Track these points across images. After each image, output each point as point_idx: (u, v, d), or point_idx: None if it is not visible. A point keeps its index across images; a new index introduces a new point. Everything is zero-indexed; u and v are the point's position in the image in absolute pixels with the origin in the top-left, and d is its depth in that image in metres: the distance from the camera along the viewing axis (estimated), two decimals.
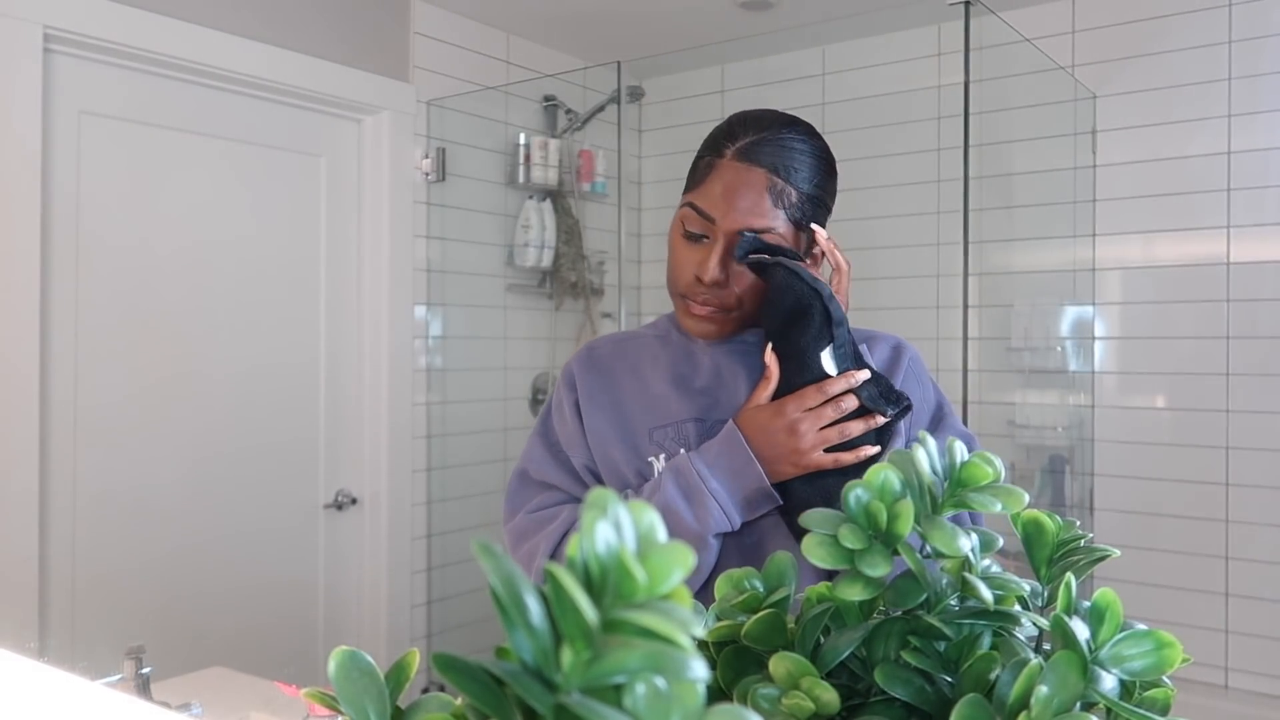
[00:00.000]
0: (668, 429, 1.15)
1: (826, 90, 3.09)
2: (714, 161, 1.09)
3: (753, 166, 1.07)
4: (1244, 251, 2.53)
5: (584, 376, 1.23)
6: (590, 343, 1.29)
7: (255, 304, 2.52)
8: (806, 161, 1.09)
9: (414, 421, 2.85)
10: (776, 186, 1.06)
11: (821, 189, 1.11)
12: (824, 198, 1.12)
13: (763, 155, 1.07)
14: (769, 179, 1.06)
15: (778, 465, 1.04)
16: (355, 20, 2.68)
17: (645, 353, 1.22)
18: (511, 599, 0.26)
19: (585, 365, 1.24)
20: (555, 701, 0.26)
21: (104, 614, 2.20)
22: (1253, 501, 2.52)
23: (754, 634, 0.40)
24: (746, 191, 1.06)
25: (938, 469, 0.41)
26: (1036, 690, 0.33)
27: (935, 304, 2.84)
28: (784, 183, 1.07)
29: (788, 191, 1.07)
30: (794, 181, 1.07)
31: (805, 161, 1.09)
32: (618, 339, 1.28)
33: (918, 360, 1.18)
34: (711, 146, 1.12)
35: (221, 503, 2.44)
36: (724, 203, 1.06)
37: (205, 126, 2.41)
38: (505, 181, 3.09)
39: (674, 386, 1.17)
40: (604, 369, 1.23)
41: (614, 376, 1.21)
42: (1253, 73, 2.51)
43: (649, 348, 1.23)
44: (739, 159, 1.08)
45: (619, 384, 1.20)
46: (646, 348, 1.23)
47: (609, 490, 0.28)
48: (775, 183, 1.07)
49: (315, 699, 0.41)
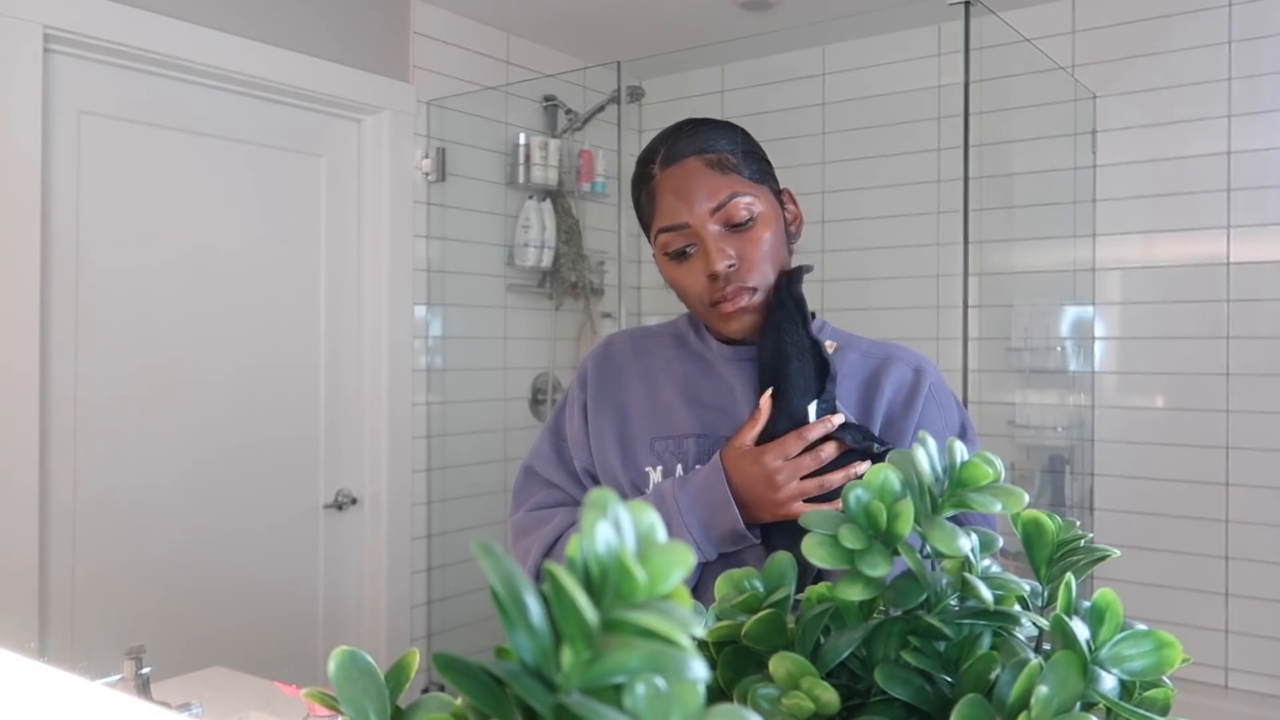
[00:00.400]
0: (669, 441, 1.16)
1: (826, 90, 3.09)
2: (651, 186, 1.13)
3: (682, 161, 1.11)
4: (1244, 251, 2.53)
5: (597, 375, 1.24)
6: (609, 338, 1.30)
7: (255, 304, 2.52)
8: (717, 132, 1.13)
9: (414, 421, 2.85)
10: (712, 161, 1.10)
11: (749, 145, 1.14)
12: (758, 151, 1.15)
13: (683, 148, 1.11)
14: (701, 159, 1.10)
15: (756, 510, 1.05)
16: (355, 20, 2.68)
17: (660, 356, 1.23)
18: (512, 599, 0.26)
19: (600, 363, 1.25)
20: (555, 701, 0.26)
21: (104, 614, 2.20)
22: (1253, 501, 2.52)
23: (754, 634, 0.40)
24: (694, 179, 1.09)
25: (938, 469, 0.41)
26: (1036, 690, 0.33)
27: (935, 304, 2.84)
28: (715, 154, 1.10)
29: (724, 157, 1.10)
30: (721, 149, 1.11)
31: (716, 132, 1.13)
32: (636, 336, 1.28)
33: (941, 387, 1.16)
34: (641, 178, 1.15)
35: (221, 503, 2.44)
36: (682, 202, 1.09)
37: (205, 126, 2.41)
38: (505, 181, 3.08)
39: (682, 398, 1.17)
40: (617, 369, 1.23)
41: (625, 379, 1.22)
42: (1253, 73, 2.51)
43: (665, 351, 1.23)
44: (666, 165, 1.11)
45: (629, 388, 1.21)
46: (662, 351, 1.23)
47: (609, 491, 0.28)
48: (709, 158, 1.10)
49: (315, 699, 0.41)
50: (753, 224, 1.08)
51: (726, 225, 1.08)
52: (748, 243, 1.08)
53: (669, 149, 1.12)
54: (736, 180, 1.09)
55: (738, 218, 1.08)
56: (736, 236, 1.08)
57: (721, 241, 1.08)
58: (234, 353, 2.47)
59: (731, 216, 1.08)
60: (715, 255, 1.07)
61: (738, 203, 1.08)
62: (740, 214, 1.08)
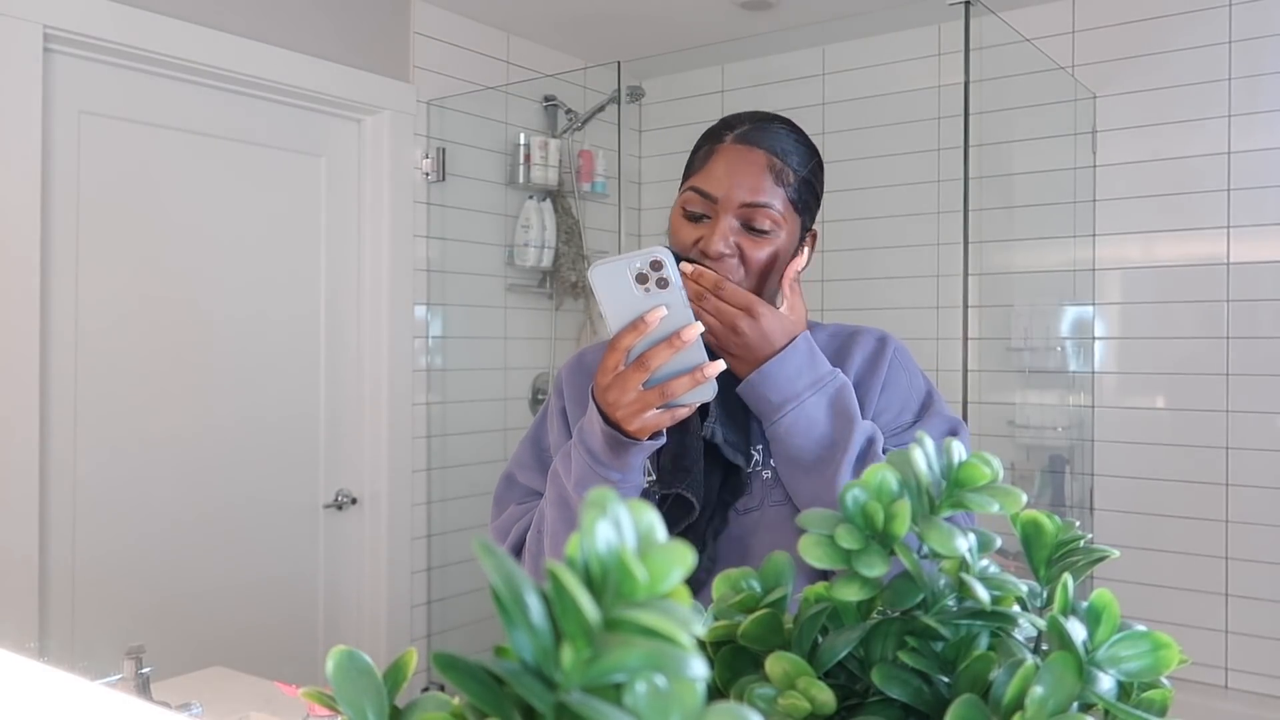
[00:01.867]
0: None
1: (826, 90, 3.09)
2: (714, 148, 1.13)
3: (753, 148, 1.11)
4: (1244, 251, 2.53)
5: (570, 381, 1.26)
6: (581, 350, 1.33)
7: (255, 304, 2.52)
8: (800, 149, 1.15)
9: (414, 421, 2.85)
10: (776, 166, 1.11)
11: (814, 176, 1.17)
12: (816, 186, 1.18)
13: (762, 139, 1.12)
14: (769, 159, 1.11)
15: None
16: (355, 20, 2.68)
17: None
18: (512, 598, 0.27)
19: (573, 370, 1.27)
20: (555, 700, 0.26)
21: (104, 614, 2.20)
22: (1253, 501, 2.52)
23: (751, 634, 0.40)
24: (748, 169, 1.10)
25: (935, 469, 0.41)
26: (1031, 691, 0.33)
27: (935, 304, 2.84)
28: (782, 164, 1.12)
29: (786, 172, 1.12)
30: (791, 164, 1.12)
31: (799, 148, 1.15)
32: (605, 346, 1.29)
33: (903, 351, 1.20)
34: (710, 136, 1.16)
35: (222, 503, 2.44)
36: (727, 179, 1.10)
37: (205, 126, 2.41)
38: (505, 181, 3.09)
39: None
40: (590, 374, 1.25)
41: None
42: (1253, 73, 2.51)
43: None
44: (739, 142, 1.12)
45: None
46: None
47: (608, 490, 0.28)
48: (774, 162, 1.11)
49: (314, 699, 0.41)
50: (767, 236, 1.10)
51: (745, 224, 1.10)
52: (753, 247, 1.10)
53: (752, 129, 1.13)
54: (781, 196, 1.11)
55: (759, 224, 1.10)
56: (747, 237, 1.10)
57: (732, 233, 1.10)
58: (234, 352, 2.47)
59: (755, 219, 1.10)
60: (718, 239, 1.09)
61: (768, 212, 1.10)
62: (763, 223, 1.10)
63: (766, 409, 1.07)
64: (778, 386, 1.05)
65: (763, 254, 1.10)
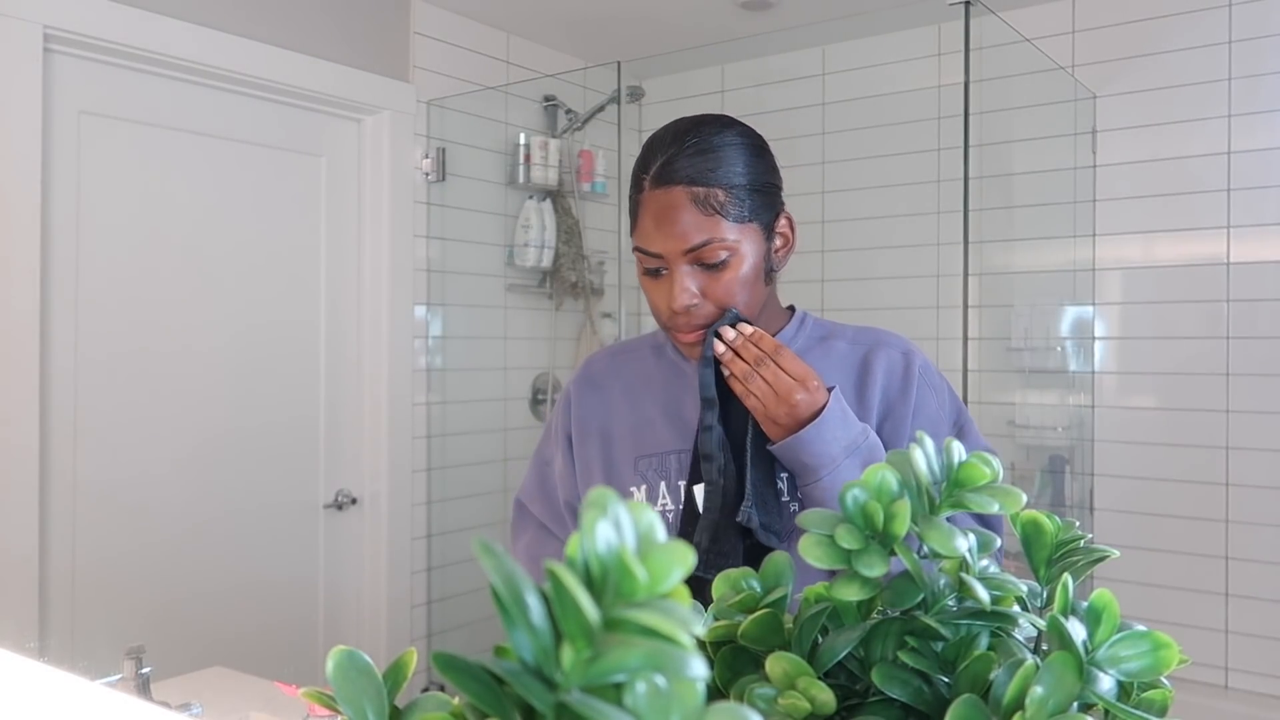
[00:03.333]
0: (652, 459, 1.16)
1: (826, 90, 3.09)
2: (639, 198, 1.10)
3: (670, 188, 1.06)
4: (1244, 251, 2.53)
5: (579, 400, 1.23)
6: (588, 358, 1.30)
7: (255, 304, 2.52)
8: (724, 156, 1.08)
9: (414, 421, 2.85)
10: (700, 196, 1.05)
11: (752, 173, 1.09)
12: (760, 181, 1.10)
13: (676, 173, 1.06)
14: (689, 192, 1.05)
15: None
16: (355, 20, 2.68)
17: (639, 370, 1.22)
18: (512, 598, 0.27)
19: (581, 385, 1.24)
20: (555, 700, 0.26)
21: (104, 614, 2.20)
22: (1253, 501, 2.52)
23: (751, 634, 0.40)
24: (672, 214, 1.06)
25: (935, 469, 0.41)
26: (1031, 691, 0.33)
27: (935, 304, 2.84)
28: (706, 189, 1.06)
29: (713, 195, 1.06)
30: (717, 182, 1.06)
31: (723, 156, 1.07)
32: (614, 353, 1.28)
33: (929, 369, 1.16)
34: (634, 183, 1.11)
35: (222, 502, 2.44)
36: (659, 233, 1.06)
37: (205, 126, 2.41)
38: (505, 181, 3.09)
39: (663, 412, 1.17)
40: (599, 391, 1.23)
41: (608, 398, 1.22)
42: (1253, 73, 2.51)
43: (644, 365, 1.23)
44: (656, 186, 1.07)
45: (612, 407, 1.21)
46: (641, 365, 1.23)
47: (608, 490, 0.28)
48: (698, 193, 1.05)
49: (314, 699, 0.41)
50: (726, 265, 1.07)
51: (699, 263, 1.07)
52: (716, 283, 1.07)
53: (662, 166, 1.07)
54: (718, 223, 1.06)
55: (712, 260, 1.06)
56: (707, 274, 1.07)
57: (690, 279, 1.07)
58: (234, 352, 2.47)
59: (706, 258, 1.06)
60: (679, 293, 1.06)
61: (715, 247, 1.05)
62: (716, 256, 1.06)
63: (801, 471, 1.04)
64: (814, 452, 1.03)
65: (728, 283, 1.07)
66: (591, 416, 1.21)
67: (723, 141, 1.08)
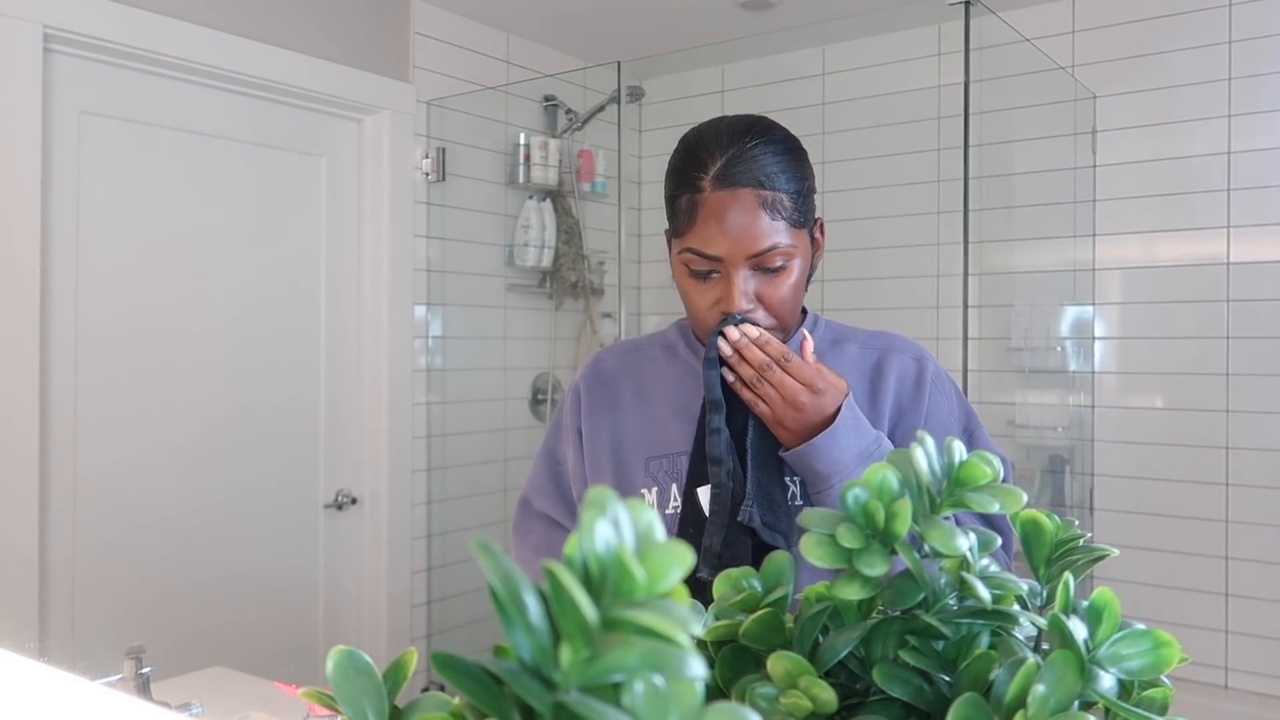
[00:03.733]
0: (663, 460, 1.14)
1: (826, 90, 3.09)
2: (695, 199, 1.06)
3: (737, 190, 1.03)
4: (1244, 251, 2.53)
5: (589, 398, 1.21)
6: (597, 355, 1.27)
7: (255, 304, 2.52)
8: (781, 161, 1.06)
9: (414, 421, 2.85)
10: (768, 200, 1.04)
11: (805, 180, 1.09)
12: (809, 186, 1.11)
13: (741, 175, 1.04)
14: (757, 195, 1.04)
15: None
16: (355, 20, 2.68)
17: (650, 370, 1.20)
18: (510, 598, 0.27)
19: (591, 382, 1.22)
20: (554, 700, 0.26)
21: (104, 614, 2.20)
22: (1253, 501, 2.51)
23: (752, 633, 0.40)
24: (742, 218, 1.03)
25: (936, 468, 0.41)
26: (1033, 689, 0.33)
27: (935, 304, 2.84)
28: (772, 193, 1.04)
29: (779, 200, 1.05)
30: (779, 187, 1.05)
31: (780, 161, 1.06)
32: (624, 350, 1.26)
33: (941, 374, 1.16)
34: (685, 183, 1.07)
35: (222, 502, 2.44)
36: (724, 237, 1.03)
37: (205, 126, 2.41)
38: (505, 181, 3.09)
39: (674, 412, 1.15)
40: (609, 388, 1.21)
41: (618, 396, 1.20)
42: (1253, 73, 2.51)
43: (655, 362, 1.21)
44: (721, 188, 1.04)
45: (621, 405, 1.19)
46: (652, 364, 1.21)
47: (607, 490, 0.28)
48: (765, 197, 1.04)
49: (314, 698, 0.41)
50: (783, 270, 1.06)
51: (757, 268, 1.05)
52: (771, 287, 1.06)
53: (726, 166, 1.04)
54: (783, 228, 1.05)
55: (771, 264, 1.05)
56: (763, 278, 1.06)
57: (748, 283, 1.05)
58: (234, 352, 2.47)
59: (766, 263, 1.05)
60: (737, 297, 1.05)
61: (777, 253, 1.04)
62: (775, 262, 1.05)
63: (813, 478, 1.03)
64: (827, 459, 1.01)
65: (785, 289, 1.06)
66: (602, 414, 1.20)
67: (779, 146, 1.07)
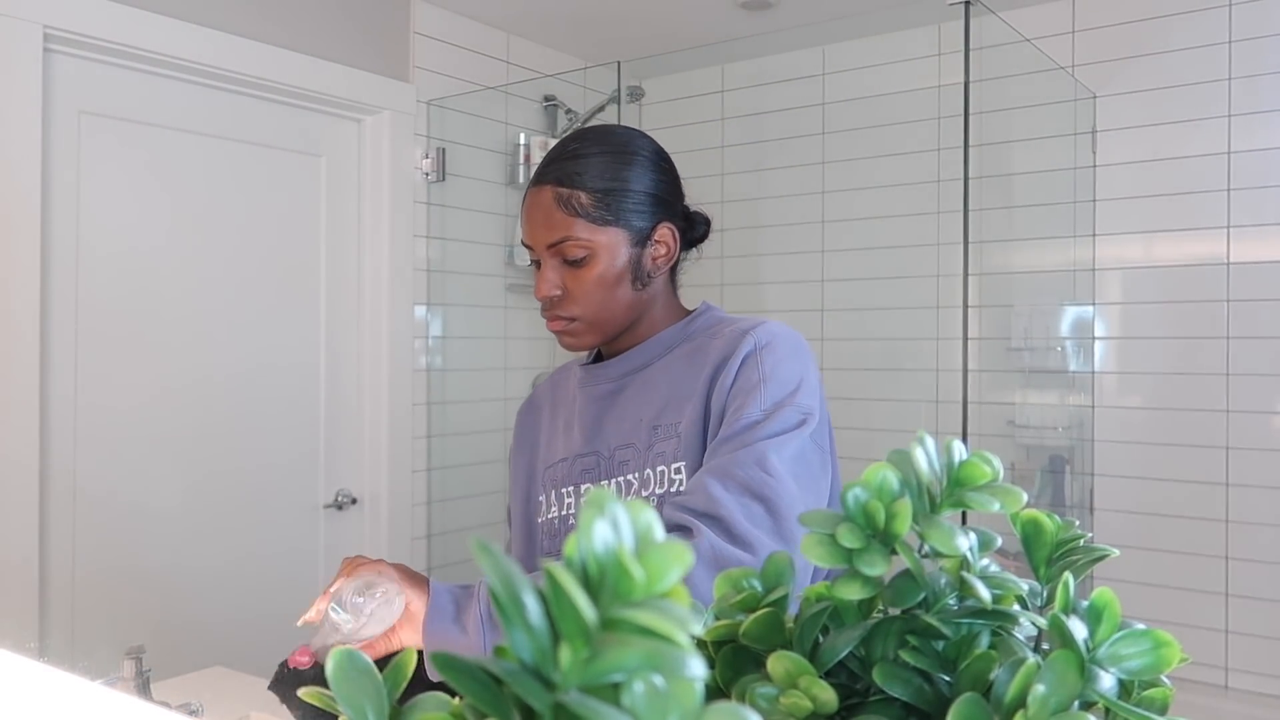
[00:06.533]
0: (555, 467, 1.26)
1: (826, 90, 3.09)
2: (524, 196, 1.21)
3: (540, 187, 1.18)
4: (1244, 251, 2.53)
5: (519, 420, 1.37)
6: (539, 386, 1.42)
7: (255, 304, 2.52)
8: (594, 162, 1.17)
9: (414, 421, 2.85)
10: (563, 196, 1.16)
11: (619, 181, 1.17)
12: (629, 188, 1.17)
13: (547, 174, 1.18)
14: (554, 192, 1.16)
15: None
16: (355, 20, 2.68)
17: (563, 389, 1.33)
18: (510, 598, 0.26)
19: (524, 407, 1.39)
20: (553, 700, 0.26)
21: (104, 614, 2.20)
22: (1253, 501, 2.51)
23: (752, 633, 0.40)
24: (539, 211, 1.17)
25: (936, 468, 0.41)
26: (1033, 689, 0.33)
27: (935, 304, 2.84)
28: (569, 190, 1.15)
29: (575, 196, 1.15)
30: (580, 185, 1.15)
31: (592, 163, 1.16)
32: (559, 369, 1.40)
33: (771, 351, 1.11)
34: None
35: (222, 502, 2.44)
36: (528, 226, 1.18)
37: (205, 126, 2.41)
38: (505, 181, 3.09)
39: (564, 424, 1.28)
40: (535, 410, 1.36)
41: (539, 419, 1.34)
42: (1253, 73, 2.51)
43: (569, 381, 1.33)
44: (532, 185, 1.19)
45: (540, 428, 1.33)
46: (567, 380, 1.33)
47: (606, 490, 0.28)
48: (560, 193, 1.16)
49: (314, 699, 0.41)
50: (585, 263, 1.16)
51: (562, 259, 1.17)
52: (574, 279, 1.16)
53: (541, 167, 1.19)
54: (577, 223, 1.15)
55: (570, 256, 1.16)
56: (568, 270, 1.17)
57: (553, 272, 1.17)
58: (234, 352, 2.47)
59: (566, 254, 1.16)
60: (541, 284, 1.17)
61: (571, 244, 1.15)
62: (574, 253, 1.16)
63: (459, 648, 1.06)
64: (451, 639, 1.06)
65: (585, 282, 1.16)
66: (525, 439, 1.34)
67: (600, 149, 1.18)
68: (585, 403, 1.25)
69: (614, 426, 1.20)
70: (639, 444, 1.16)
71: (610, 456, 1.19)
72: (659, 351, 1.21)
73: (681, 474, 1.12)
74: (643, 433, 1.17)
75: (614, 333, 1.21)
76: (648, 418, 1.17)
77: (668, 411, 1.16)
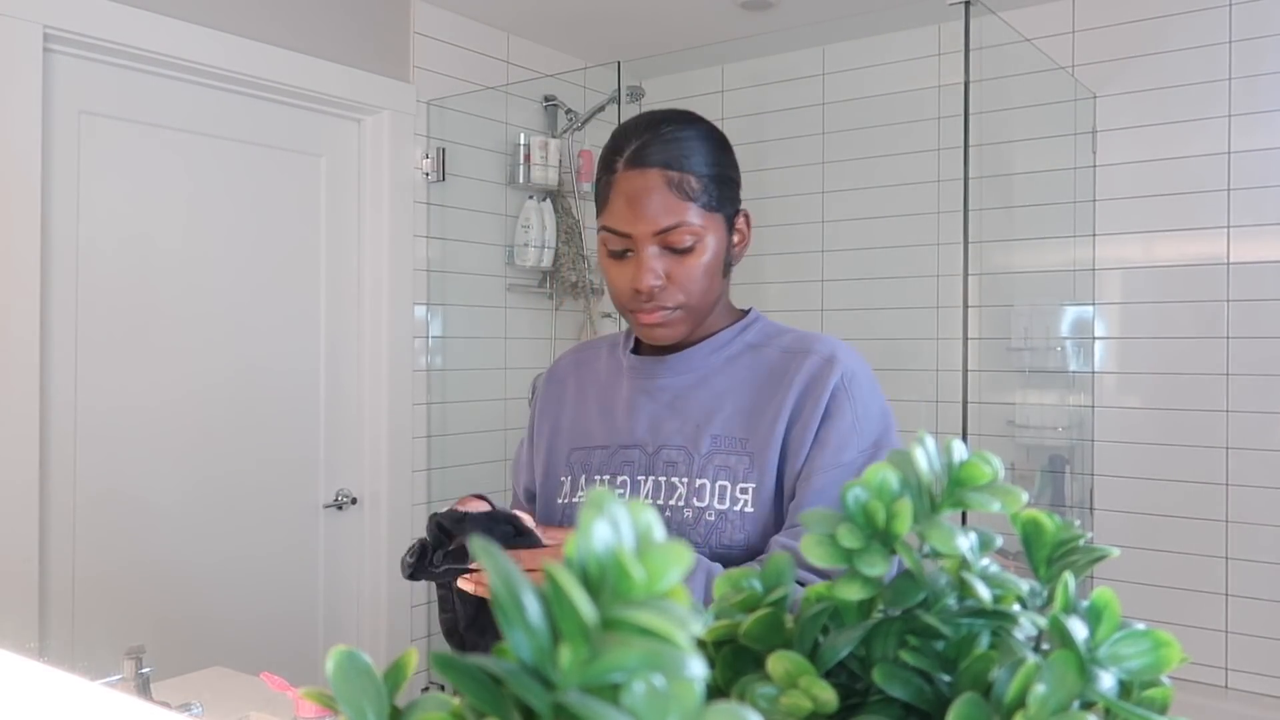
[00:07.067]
0: (581, 452, 1.22)
1: (826, 90, 3.09)
2: (610, 179, 1.13)
3: (645, 169, 1.10)
4: (1244, 251, 2.53)
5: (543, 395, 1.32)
6: (559, 358, 1.37)
7: (255, 304, 2.52)
8: (696, 146, 1.12)
9: (414, 421, 2.85)
10: (674, 180, 1.09)
11: (720, 166, 1.14)
12: (726, 173, 1.15)
13: (651, 155, 1.10)
14: (664, 175, 1.09)
15: None
16: (355, 20, 2.68)
17: (594, 368, 1.29)
18: (510, 598, 0.26)
19: (547, 382, 1.33)
20: (553, 700, 0.26)
21: (104, 614, 2.20)
22: (1253, 501, 2.51)
23: (752, 633, 0.40)
24: (648, 195, 1.09)
25: (936, 468, 0.41)
26: (1033, 689, 0.33)
27: (935, 304, 2.84)
28: (680, 174, 1.10)
29: (687, 180, 1.10)
30: (690, 169, 1.10)
31: (694, 146, 1.12)
32: (581, 349, 1.35)
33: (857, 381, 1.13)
34: (605, 166, 1.15)
35: (222, 502, 2.44)
36: (631, 213, 1.10)
37: (205, 126, 2.41)
38: (505, 181, 3.09)
39: (599, 408, 1.23)
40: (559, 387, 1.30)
41: (564, 394, 1.29)
42: (1253, 73, 2.51)
43: (597, 361, 1.29)
44: (631, 167, 1.11)
45: (565, 401, 1.28)
46: (595, 361, 1.30)
47: (606, 489, 0.28)
48: (672, 177, 1.09)
49: (314, 698, 0.41)
50: (692, 251, 1.11)
51: (666, 246, 1.10)
52: (681, 267, 1.11)
53: (639, 147, 1.11)
54: (690, 208, 1.10)
55: (679, 244, 1.10)
56: (672, 258, 1.11)
57: (656, 261, 1.10)
58: (234, 352, 2.47)
59: (673, 242, 1.10)
60: (645, 274, 1.10)
61: (683, 231, 1.09)
62: (683, 241, 1.10)
63: None
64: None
65: (693, 270, 1.11)
66: (548, 410, 1.29)
67: (695, 132, 1.13)
68: (633, 393, 1.20)
69: (665, 424, 1.16)
70: (691, 447, 1.13)
71: (655, 453, 1.15)
72: (719, 354, 1.18)
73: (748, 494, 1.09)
74: (696, 437, 1.13)
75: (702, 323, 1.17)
76: (704, 422, 1.14)
77: (730, 422, 1.12)
